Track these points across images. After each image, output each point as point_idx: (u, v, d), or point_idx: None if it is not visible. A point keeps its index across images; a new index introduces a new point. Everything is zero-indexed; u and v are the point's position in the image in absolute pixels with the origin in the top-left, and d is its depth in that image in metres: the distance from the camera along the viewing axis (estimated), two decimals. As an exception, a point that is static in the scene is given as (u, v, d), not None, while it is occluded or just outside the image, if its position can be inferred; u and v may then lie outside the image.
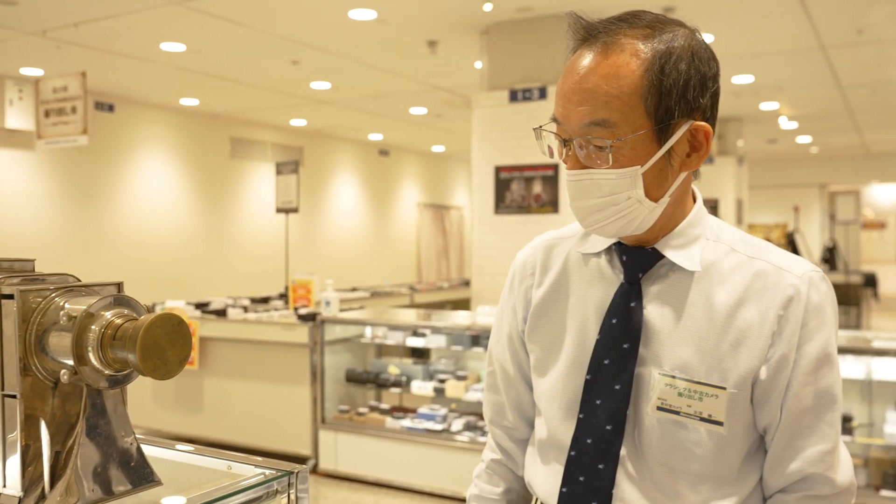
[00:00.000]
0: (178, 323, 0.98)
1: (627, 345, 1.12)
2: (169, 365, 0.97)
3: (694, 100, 1.08)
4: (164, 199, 9.55)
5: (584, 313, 1.19)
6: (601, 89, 1.06)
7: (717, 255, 1.14)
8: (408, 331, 5.18)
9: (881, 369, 3.96)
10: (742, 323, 1.09)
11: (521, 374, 1.31)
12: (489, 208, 6.12)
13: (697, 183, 1.23)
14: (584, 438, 1.14)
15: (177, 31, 6.24)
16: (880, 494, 3.84)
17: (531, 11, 5.84)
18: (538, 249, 1.30)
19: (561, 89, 1.11)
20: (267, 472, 1.24)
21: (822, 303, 1.10)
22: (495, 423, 1.37)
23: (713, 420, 1.08)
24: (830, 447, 1.10)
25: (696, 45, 1.10)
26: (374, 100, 9.28)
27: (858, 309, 12.19)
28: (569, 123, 1.09)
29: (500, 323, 1.34)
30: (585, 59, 1.08)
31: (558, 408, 1.20)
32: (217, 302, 6.34)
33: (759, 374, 1.08)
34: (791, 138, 13.16)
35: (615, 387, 1.12)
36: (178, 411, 5.74)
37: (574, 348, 1.19)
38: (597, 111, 1.06)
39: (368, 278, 11.91)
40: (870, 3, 5.71)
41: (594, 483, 1.13)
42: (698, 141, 1.11)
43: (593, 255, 1.21)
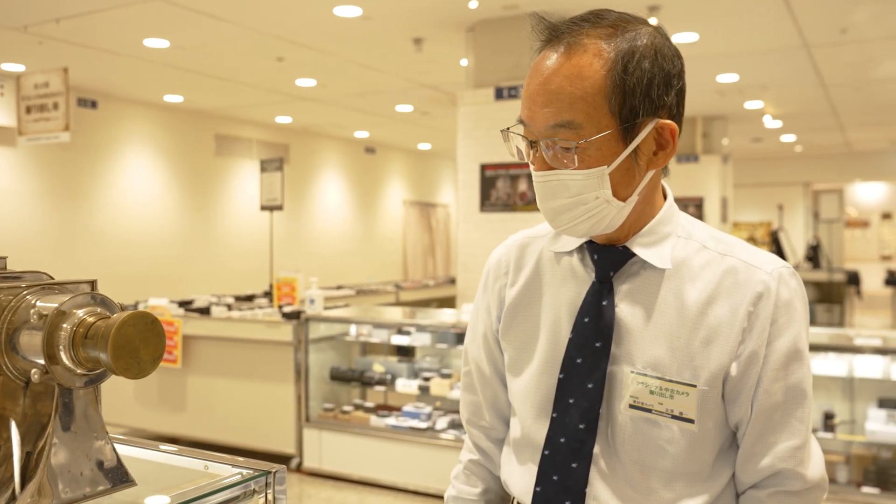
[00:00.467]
0: (151, 321, 0.96)
1: (600, 343, 1.12)
2: (142, 364, 0.95)
3: (659, 98, 1.08)
4: (148, 197, 9.49)
5: (556, 312, 1.19)
6: (565, 90, 1.05)
7: (688, 252, 1.14)
8: (392, 329, 5.17)
9: (863, 367, 3.99)
10: (713, 320, 1.09)
11: (497, 374, 1.31)
12: (474, 206, 6.12)
13: (668, 180, 1.23)
14: (558, 437, 1.14)
15: (160, 26, 6.20)
16: (861, 491, 3.86)
17: (517, 9, 5.84)
18: (512, 248, 1.30)
19: (526, 91, 1.10)
20: (244, 471, 1.23)
21: (792, 299, 1.10)
22: (472, 424, 1.36)
23: (684, 418, 1.08)
24: (801, 443, 1.10)
25: (659, 43, 1.09)
26: (359, 97, 9.25)
27: (842, 306, 12.28)
28: (534, 125, 1.09)
29: (476, 322, 1.34)
30: (549, 60, 1.08)
31: (532, 407, 1.20)
32: (201, 300, 6.31)
33: (729, 371, 1.08)
34: (775, 137, 13.24)
35: (588, 385, 1.12)
36: (161, 410, 5.70)
37: (547, 347, 1.19)
38: (561, 113, 1.05)
39: (354, 276, 11.88)
40: (853, 2, 5.75)
41: (567, 482, 1.13)
42: (664, 139, 1.10)
43: (565, 254, 1.21)
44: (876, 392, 4.08)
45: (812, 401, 1.12)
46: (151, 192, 9.53)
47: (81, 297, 0.96)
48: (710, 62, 7.56)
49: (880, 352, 3.93)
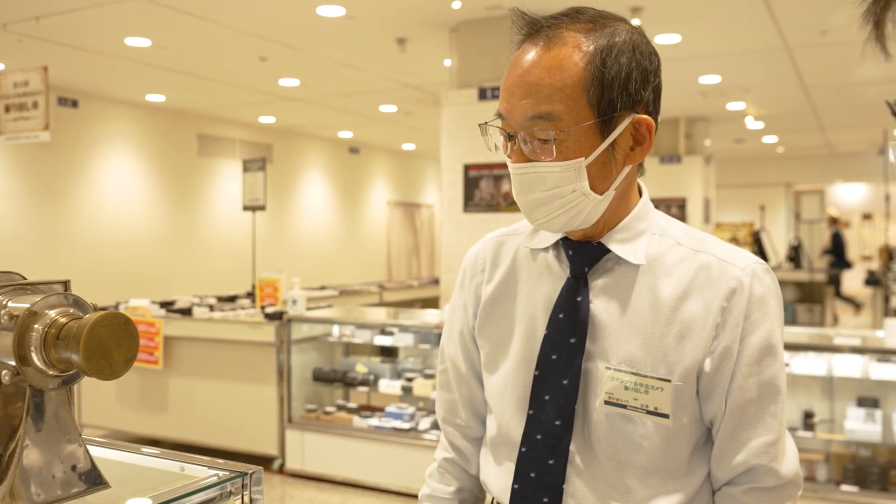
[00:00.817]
0: (124, 322, 0.96)
1: (574, 339, 1.12)
2: (115, 365, 0.94)
3: (636, 92, 1.09)
4: (130, 197, 9.42)
5: (532, 309, 1.19)
6: (544, 82, 1.06)
7: (663, 248, 1.15)
8: (375, 329, 5.16)
9: (842, 366, 4.02)
10: (686, 315, 1.09)
11: (473, 371, 1.31)
12: (458, 206, 6.12)
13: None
14: (534, 434, 1.14)
15: (142, 25, 6.16)
16: (841, 489, 3.90)
17: (500, 10, 5.84)
18: (488, 246, 1.30)
19: (505, 84, 1.11)
20: (220, 473, 1.22)
21: (766, 294, 1.11)
22: (448, 422, 1.36)
23: (659, 413, 1.08)
24: (774, 438, 1.11)
25: (636, 40, 1.11)
26: (343, 97, 9.23)
27: (822, 306, 12.38)
28: (513, 117, 1.09)
29: (452, 320, 1.34)
30: (528, 54, 1.09)
31: (508, 404, 1.20)
32: (183, 300, 6.27)
33: (703, 367, 1.09)
34: (757, 138, 13.33)
35: (563, 381, 1.12)
36: (142, 412, 5.66)
37: (523, 344, 1.19)
38: (540, 104, 1.06)
39: (338, 277, 11.85)
40: (833, 4, 5.79)
41: (545, 479, 1.13)
42: (641, 134, 1.11)
43: (541, 251, 1.22)
44: (855, 391, 4.12)
45: (785, 396, 1.13)
46: (133, 193, 9.46)
47: (54, 298, 0.95)
48: (692, 63, 7.60)
49: (859, 351, 3.97)
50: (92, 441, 1.42)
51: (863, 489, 3.87)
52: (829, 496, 3.88)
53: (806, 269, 12.48)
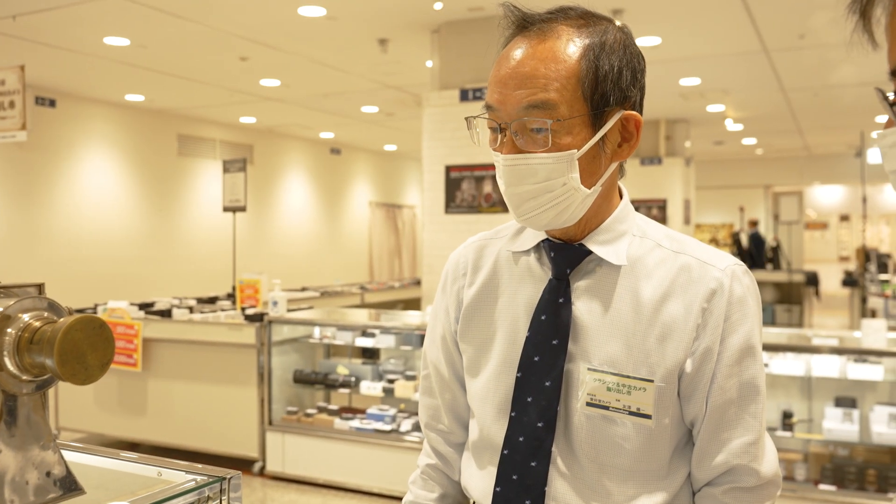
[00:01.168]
0: (99, 326, 0.94)
1: (556, 341, 1.12)
2: (90, 370, 0.93)
3: (627, 89, 1.11)
4: (109, 198, 9.34)
5: (514, 312, 1.19)
6: (539, 72, 1.06)
7: (643, 250, 1.15)
8: (357, 331, 5.14)
9: (820, 366, 4.06)
10: (667, 317, 1.10)
11: (456, 376, 1.30)
12: (440, 207, 6.11)
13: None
14: (517, 436, 1.14)
15: (120, 25, 6.10)
16: (819, 489, 3.93)
17: (482, 11, 5.85)
18: (469, 250, 1.30)
19: (496, 76, 1.11)
20: (198, 478, 1.20)
21: (745, 295, 1.11)
22: (431, 428, 1.35)
23: (642, 413, 1.09)
24: (754, 438, 1.12)
25: (626, 40, 1.13)
26: (324, 98, 9.20)
27: (801, 307, 12.50)
28: (505, 108, 1.09)
29: (434, 324, 1.33)
30: (522, 46, 1.09)
31: (491, 407, 1.19)
32: (162, 302, 6.22)
33: (684, 367, 1.10)
34: (737, 140, 13.44)
35: (545, 383, 1.12)
36: (121, 415, 5.60)
37: (505, 347, 1.19)
38: (536, 93, 1.06)
39: (320, 278, 11.81)
40: (811, 8, 5.85)
41: (527, 481, 1.13)
42: (629, 131, 1.13)
43: (523, 254, 1.22)
44: (833, 391, 4.15)
45: (765, 397, 1.14)
46: (112, 193, 9.38)
47: (28, 301, 0.94)
48: (672, 66, 7.65)
49: (837, 352, 4.00)
50: (68, 446, 1.41)
51: (840, 488, 3.91)
52: (807, 495, 3.91)
53: (785, 271, 12.59)
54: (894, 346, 4.00)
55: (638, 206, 10.87)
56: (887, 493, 3.82)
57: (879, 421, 3.90)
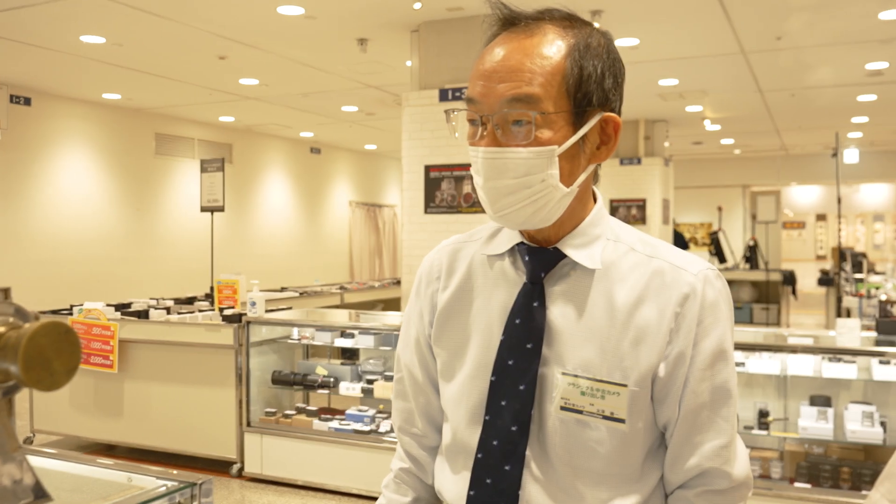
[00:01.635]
0: (65, 331, 0.93)
1: (531, 345, 1.12)
2: (55, 376, 0.92)
3: (609, 91, 1.12)
4: (85, 197, 9.24)
5: (488, 316, 1.19)
6: (525, 66, 1.07)
7: (617, 254, 1.16)
8: (336, 331, 5.12)
9: (795, 365, 4.10)
10: (641, 321, 1.10)
11: (430, 380, 1.30)
12: (419, 207, 6.11)
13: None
14: (491, 440, 1.14)
15: (97, 23, 6.04)
16: (794, 486, 3.97)
17: (461, 11, 5.85)
18: (443, 253, 1.29)
19: (480, 69, 1.11)
20: (169, 483, 1.20)
21: (718, 300, 1.12)
22: (404, 431, 1.35)
23: (615, 417, 1.09)
24: (726, 441, 1.13)
25: (609, 45, 1.14)
26: (304, 97, 9.16)
27: (778, 306, 12.62)
28: (488, 101, 1.09)
29: (408, 328, 1.33)
30: (509, 41, 1.10)
31: (465, 411, 1.19)
32: (139, 303, 6.16)
33: (658, 372, 1.10)
34: (715, 140, 13.55)
35: (520, 387, 1.12)
36: (97, 417, 5.55)
37: (479, 351, 1.18)
38: (521, 86, 1.06)
39: (300, 278, 11.76)
40: (787, 11, 5.91)
41: (501, 485, 1.13)
42: (607, 133, 1.13)
43: (497, 258, 1.22)
44: (808, 390, 4.20)
45: (737, 400, 1.15)
46: (88, 193, 9.28)
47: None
48: (651, 67, 7.69)
49: (812, 351, 4.04)
50: (38, 451, 1.39)
51: (815, 486, 3.95)
52: (782, 493, 3.95)
53: (762, 270, 12.70)
54: (868, 344, 4.05)
55: (617, 206, 10.99)
56: (861, 491, 3.86)
57: (853, 419, 3.95)
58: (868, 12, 5.89)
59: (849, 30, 6.42)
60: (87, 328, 5.45)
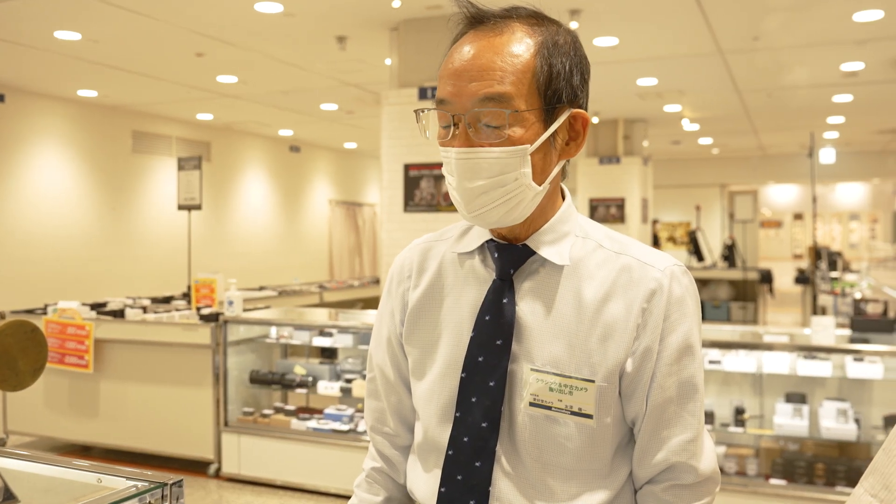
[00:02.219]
0: (31, 330, 0.92)
1: (500, 341, 1.13)
2: (21, 375, 0.91)
3: (577, 88, 1.13)
4: (60, 195, 9.13)
5: (459, 313, 1.20)
6: (496, 64, 1.07)
7: (586, 251, 1.17)
8: (314, 330, 5.11)
9: (771, 363, 4.13)
10: (609, 317, 1.11)
11: (401, 379, 1.30)
12: (398, 206, 6.10)
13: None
14: (461, 437, 1.14)
15: (71, 18, 5.97)
16: (770, 483, 4.01)
17: (440, 9, 5.84)
18: (414, 252, 1.30)
19: (449, 69, 1.10)
20: (139, 483, 1.18)
21: (684, 295, 1.13)
22: (376, 430, 1.35)
23: (583, 413, 1.10)
24: (693, 436, 1.13)
25: (575, 41, 1.15)
26: (283, 95, 9.11)
27: (755, 304, 12.73)
28: (459, 101, 1.09)
29: (380, 327, 1.33)
30: (477, 39, 1.10)
31: (436, 409, 1.19)
32: (115, 302, 6.10)
33: (625, 367, 1.11)
34: (693, 139, 13.64)
35: (490, 383, 1.13)
36: (73, 417, 5.49)
37: (450, 349, 1.19)
38: (492, 85, 1.07)
39: (279, 277, 11.70)
40: (764, 11, 5.96)
41: (471, 481, 1.13)
42: (576, 130, 1.15)
43: (467, 256, 1.22)
44: (783, 387, 4.24)
45: (703, 395, 1.16)
46: (64, 191, 9.17)
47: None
48: (630, 66, 7.73)
49: (787, 348, 4.09)
50: (7, 453, 1.37)
51: (790, 482, 3.99)
52: (758, 490, 3.98)
53: (740, 268, 12.80)
54: (842, 342, 4.10)
55: (597, 205, 11.04)
56: (835, 487, 3.91)
57: (828, 416, 3.99)
58: (843, 13, 5.95)
59: (825, 31, 6.48)
60: (61, 328, 5.39)
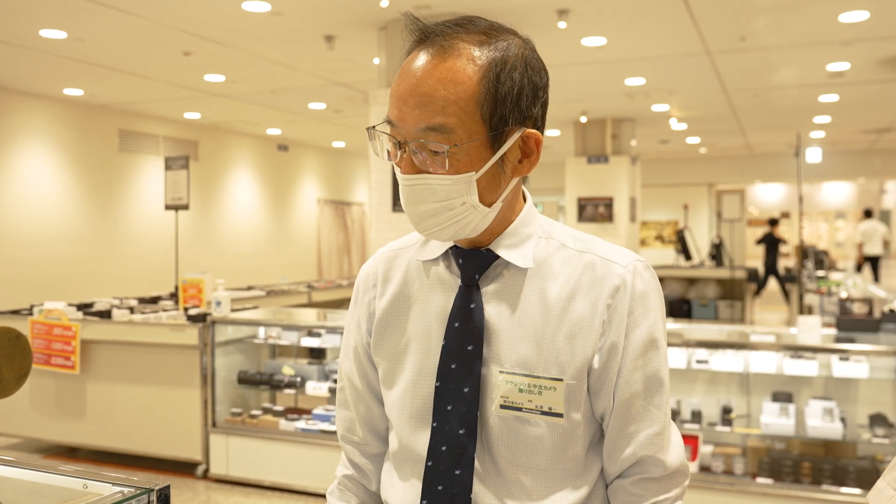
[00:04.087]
0: (15, 337, 0.91)
1: (471, 346, 1.14)
2: (5, 383, 0.90)
3: (527, 108, 1.11)
4: (46, 195, 9.07)
5: (427, 321, 1.20)
6: (438, 94, 1.05)
7: (549, 251, 1.17)
8: (302, 331, 5.09)
9: (758, 362, 4.16)
10: (575, 315, 1.12)
11: (370, 388, 1.31)
12: (387, 206, 6.09)
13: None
14: (440, 446, 1.15)
15: (57, 17, 5.92)
16: (756, 482, 4.03)
17: (428, 9, 5.84)
18: (380, 261, 1.30)
19: (396, 90, 1.09)
20: (126, 489, 1.18)
21: (647, 290, 1.14)
22: (346, 440, 1.36)
23: (553, 412, 1.10)
24: (660, 429, 1.14)
25: (528, 55, 1.12)
26: (271, 94, 9.08)
27: (742, 303, 12.79)
28: (404, 126, 1.08)
29: (348, 337, 1.33)
30: (421, 62, 1.08)
31: (408, 417, 1.20)
32: (102, 303, 6.07)
33: (593, 363, 1.12)
34: (681, 139, 13.69)
35: (464, 390, 1.13)
36: (59, 418, 5.45)
37: (419, 357, 1.19)
38: (434, 116, 1.05)
39: (267, 276, 11.67)
40: (751, 12, 5.98)
41: (453, 490, 1.14)
42: (529, 147, 1.13)
43: (432, 263, 1.23)
44: (770, 386, 4.26)
45: (669, 389, 1.17)
46: (50, 190, 9.11)
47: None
48: (618, 66, 7.75)
49: (773, 348, 4.11)
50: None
51: (777, 481, 4.01)
52: (745, 489, 4.00)
53: (727, 267, 12.86)
54: (828, 342, 4.12)
55: (585, 205, 11.07)
56: (821, 485, 3.93)
57: (814, 415, 4.02)
58: (829, 14, 5.98)
59: (810, 31, 6.52)
60: (47, 328, 5.35)
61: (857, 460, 4.03)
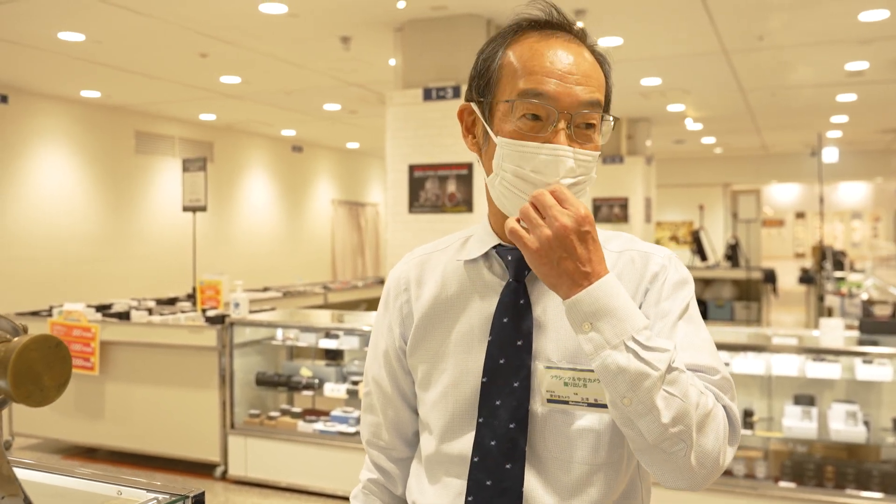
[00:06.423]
0: (55, 345, 0.91)
1: (521, 341, 1.14)
2: (45, 391, 0.89)
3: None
4: (64, 196, 9.12)
5: (469, 322, 1.20)
6: (594, 73, 1.15)
7: None
8: (320, 332, 5.09)
9: (779, 365, 4.12)
10: None
11: (399, 392, 1.30)
12: (403, 206, 6.08)
13: None
14: (487, 441, 1.14)
15: (75, 19, 5.96)
16: (779, 486, 3.99)
17: (445, 10, 5.83)
18: (411, 265, 1.31)
19: (548, 67, 1.12)
20: (160, 496, 1.17)
21: (684, 278, 1.18)
22: (372, 445, 1.35)
23: (599, 403, 1.09)
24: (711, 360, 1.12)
25: None
26: (286, 95, 9.10)
27: (759, 304, 12.71)
28: (566, 100, 1.11)
29: (377, 341, 1.33)
30: (567, 46, 1.15)
31: (451, 417, 1.19)
32: (120, 304, 6.09)
33: None
34: (697, 139, 13.62)
35: (514, 384, 1.14)
36: (78, 419, 5.48)
37: (460, 358, 1.20)
38: (594, 92, 1.13)
39: (282, 277, 11.69)
40: (769, 10, 5.94)
41: (503, 484, 1.13)
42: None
43: (472, 263, 1.24)
44: (792, 389, 4.22)
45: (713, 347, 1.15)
46: (67, 192, 9.17)
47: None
48: (634, 66, 7.71)
49: (796, 351, 4.07)
50: (24, 464, 1.36)
51: (800, 485, 3.97)
52: (767, 493, 3.97)
53: (743, 268, 12.78)
54: (851, 344, 4.08)
55: (600, 205, 11.02)
56: (845, 489, 3.89)
57: (837, 418, 3.98)
58: (848, 12, 5.93)
59: (829, 30, 6.46)
60: (67, 330, 5.38)
61: (881, 464, 3.99)
